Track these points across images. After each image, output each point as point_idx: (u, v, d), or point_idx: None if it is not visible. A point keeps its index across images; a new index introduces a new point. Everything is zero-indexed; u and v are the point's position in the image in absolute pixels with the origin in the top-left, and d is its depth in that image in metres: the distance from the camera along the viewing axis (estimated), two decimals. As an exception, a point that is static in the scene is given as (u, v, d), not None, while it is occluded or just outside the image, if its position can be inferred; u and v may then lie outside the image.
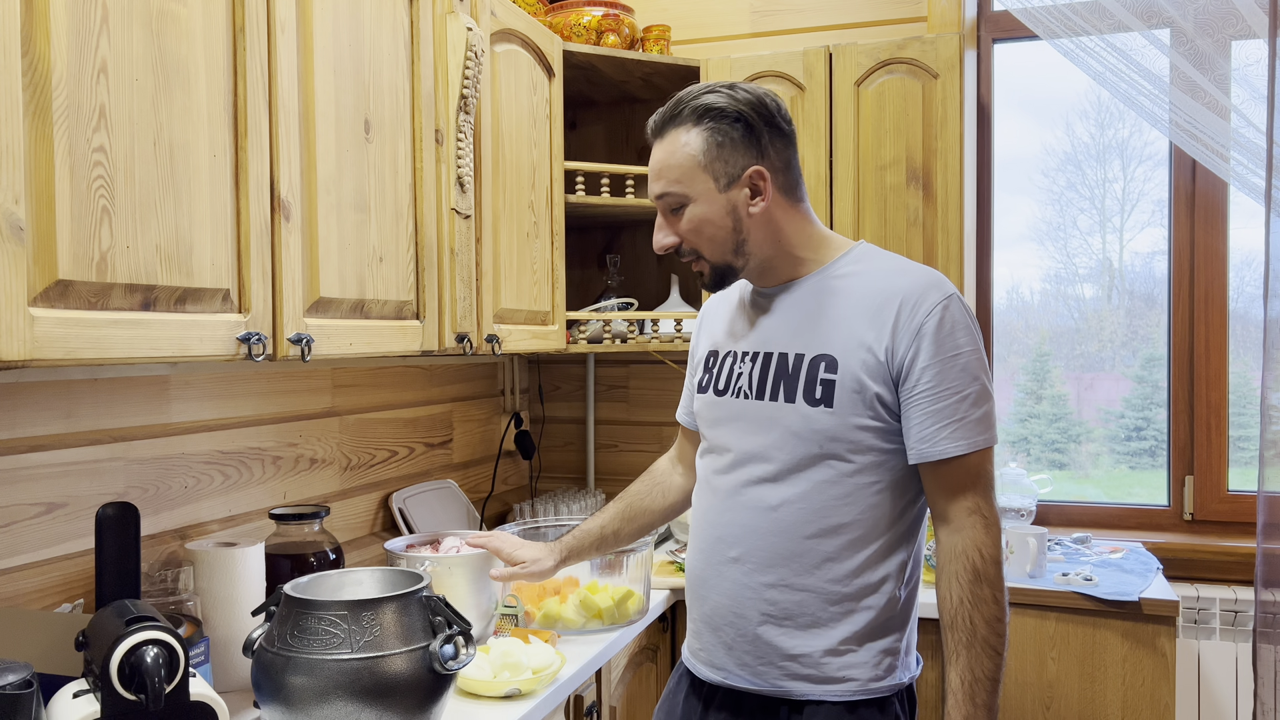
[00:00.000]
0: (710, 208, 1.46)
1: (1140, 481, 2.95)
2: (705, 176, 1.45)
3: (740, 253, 1.49)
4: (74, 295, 1.16)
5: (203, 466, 1.89)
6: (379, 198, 1.74)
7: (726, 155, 1.45)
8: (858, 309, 1.46)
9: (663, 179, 1.48)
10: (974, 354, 1.42)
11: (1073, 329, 3.02)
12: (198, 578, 1.68)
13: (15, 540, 1.53)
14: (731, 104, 1.45)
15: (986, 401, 1.43)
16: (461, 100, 1.94)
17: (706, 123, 1.45)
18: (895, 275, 1.48)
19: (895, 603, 1.48)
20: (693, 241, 1.50)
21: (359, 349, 1.69)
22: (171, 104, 1.29)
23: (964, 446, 1.40)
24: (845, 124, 2.59)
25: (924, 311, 1.42)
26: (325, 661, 1.35)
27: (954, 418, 1.40)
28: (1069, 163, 2.99)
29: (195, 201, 1.33)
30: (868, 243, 1.58)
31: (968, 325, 1.43)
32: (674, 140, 1.47)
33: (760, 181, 1.46)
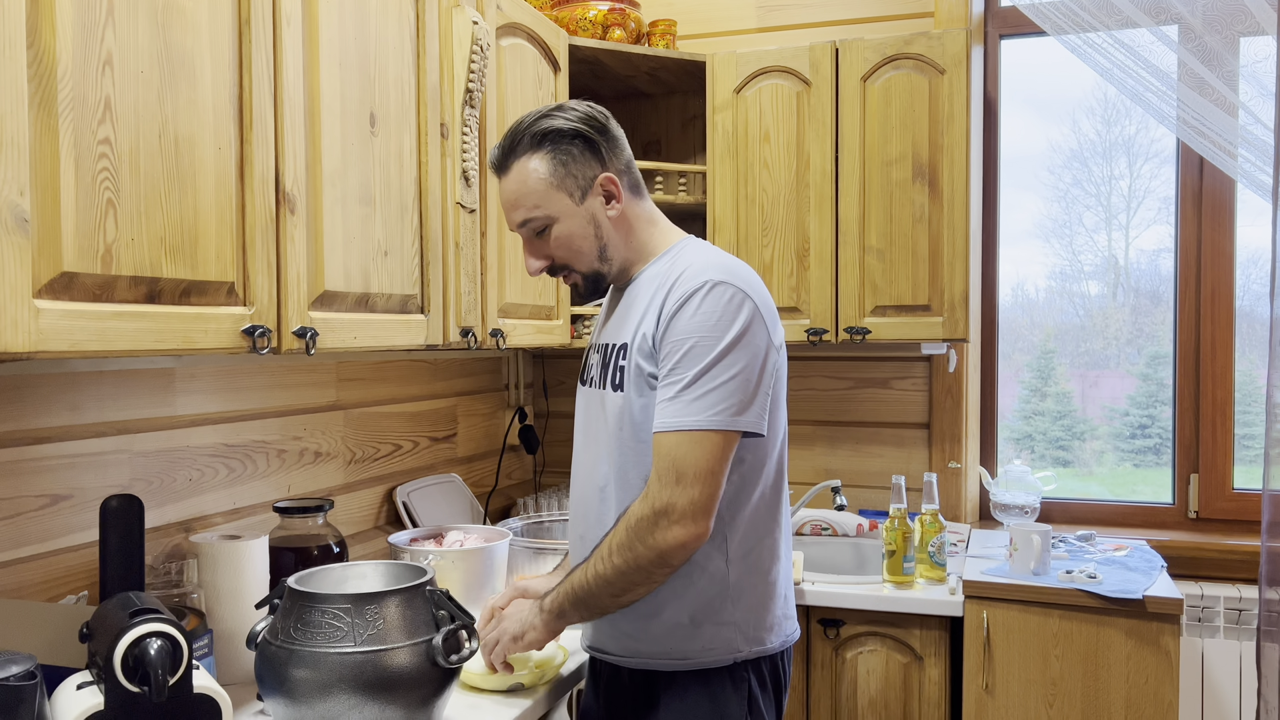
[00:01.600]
0: (574, 221, 1.55)
1: (1144, 479, 2.94)
2: (560, 194, 1.54)
3: (604, 258, 1.58)
4: (78, 287, 1.16)
5: (207, 459, 1.90)
6: (384, 191, 1.74)
7: (574, 170, 1.54)
8: (648, 299, 1.52)
9: (521, 207, 1.55)
10: (706, 341, 1.41)
11: (1078, 326, 3.02)
12: (202, 570, 1.69)
13: (19, 532, 1.54)
14: (566, 123, 1.53)
15: (705, 387, 1.40)
16: (467, 94, 1.94)
17: (547, 146, 1.53)
18: (682, 265, 1.51)
19: (723, 578, 1.51)
20: (563, 257, 1.58)
21: (363, 342, 1.69)
22: (177, 97, 1.29)
23: (660, 423, 1.42)
24: (851, 120, 2.58)
25: (675, 297, 1.45)
26: (328, 655, 1.36)
27: (666, 397, 1.43)
28: (1075, 159, 2.99)
29: (200, 194, 1.33)
30: (694, 239, 1.62)
31: (708, 312, 1.42)
32: (521, 169, 1.55)
33: (612, 186, 1.56)
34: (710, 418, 1.39)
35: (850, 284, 2.59)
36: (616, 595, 1.45)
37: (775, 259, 2.65)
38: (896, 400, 2.91)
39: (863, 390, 2.93)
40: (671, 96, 3.05)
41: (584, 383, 1.67)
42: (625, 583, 1.43)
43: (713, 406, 1.39)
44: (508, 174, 1.57)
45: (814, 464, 2.98)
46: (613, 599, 1.46)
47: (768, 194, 2.66)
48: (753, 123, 2.67)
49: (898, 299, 2.57)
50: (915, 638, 2.30)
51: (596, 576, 1.45)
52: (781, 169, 2.65)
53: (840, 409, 2.95)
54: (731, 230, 2.69)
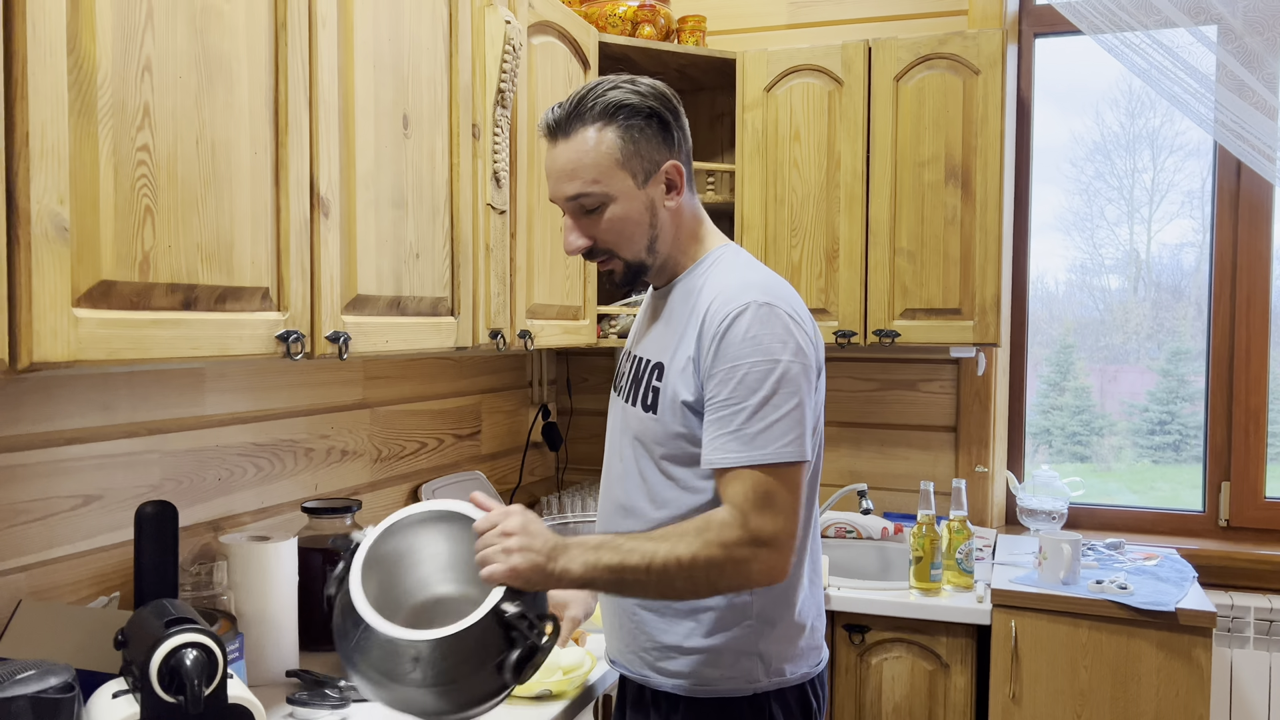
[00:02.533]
0: (630, 205, 1.43)
1: (1163, 476, 2.91)
2: (624, 174, 1.41)
3: (652, 250, 1.47)
4: (116, 295, 1.16)
5: (236, 458, 1.90)
6: (416, 194, 1.72)
7: (643, 150, 1.42)
8: (687, 316, 1.44)
9: (577, 179, 1.42)
10: (759, 366, 1.33)
11: (1097, 320, 2.99)
12: (231, 571, 1.69)
13: (52, 532, 1.54)
14: (641, 100, 1.41)
15: (770, 417, 1.32)
16: (499, 94, 1.92)
17: (620, 119, 1.40)
18: (719, 282, 1.43)
19: (746, 608, 1.44)
20: (609, 241, 1.45)
21: (395, 346, 1.68)
22: (214, 101, 1.28)
23: (733, 459, 1.33)
24: (884, 119, 2.55)
25: (719, 319, 1.37)
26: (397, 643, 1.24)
27: (727, 430, 1.34)
28: (1098, 152, 2.95)
29: (236, 199, 1.32)
30: (733, 246, 1.53)
31: (756, 336, 1.34)
32: (584, 138, 1.41)
33: (676, 175, 1.45)
34: (784, 449, 1.32)
35: (880, 286, 2.57)
36: (668, 595, 1.39)
37: (804, 260, 2.63)
38: (924, 403, 2.89)
39: (889, 392, 2.91)
40: (700, 93, 3.03)
41: (616, 391, 1.61)
42: (688, 592, 1.36)
43: (783, 437, 1.32)
44: (567, 140, 1.42)
45: (839, 466, 2.96)
46: (659, 595, 1.39)
47: (797, 194, 2.64)
48: (783, 122, 2.65)
49: (928, 302, 2.54)
50: (941, 645, 2.29)
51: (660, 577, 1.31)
52: (812, 169, 2.62)
53: (866, 411, 2.92)
54: (760, 230, 2.67)
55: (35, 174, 1.05)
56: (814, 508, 1.52)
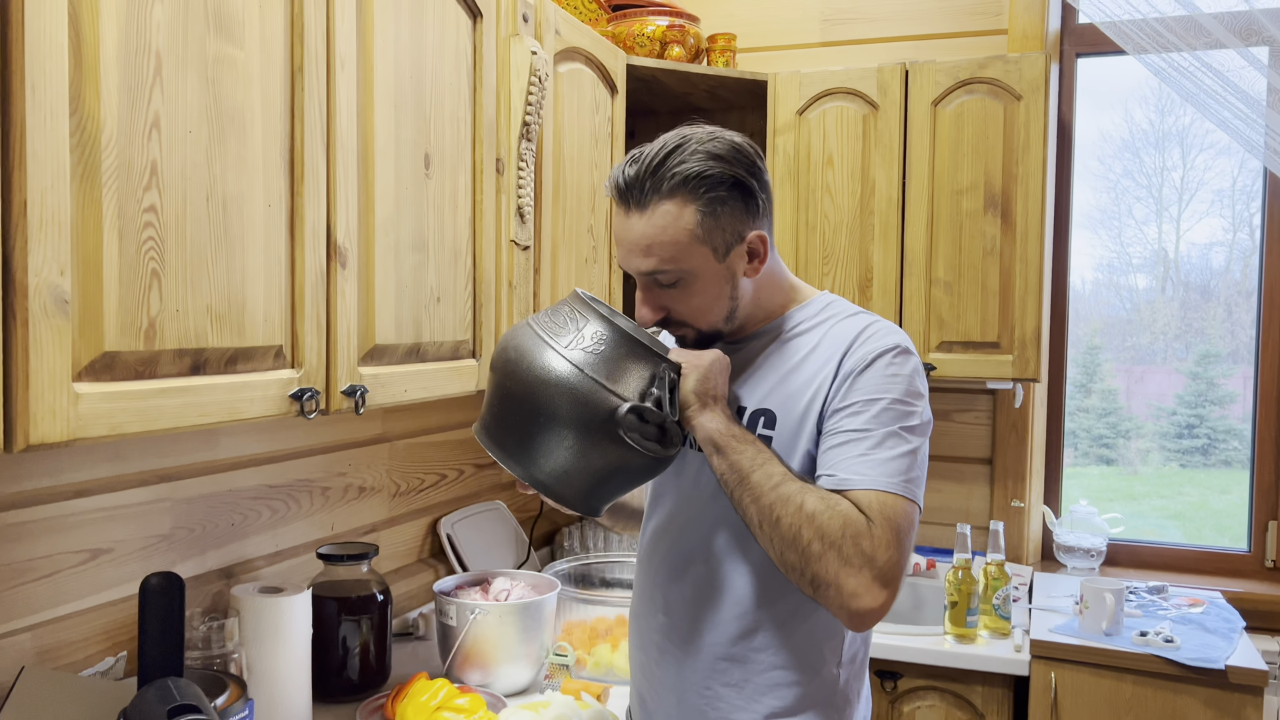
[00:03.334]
0: (710, 281, 1.32)
1: (1192, 481, 2.85)
2: (703, 249, 1.30)
3: (730, 318, 1.37)
4: (120, 366, 1.10)
5: (250, 502, 1.84)
6: (438, 235, 1.66)
7: (724, 224, 1.30)
8: (805, 361, 1.35)
9: (653, 257, 1.30)
10: (899, 405, 1.26)
11: (1124, 320, 2.92)
12: (242, 627, 1.63)
13: (58, 590, 1.48)
14: (723, 169, 1.28)
15: (902, 448, 1.24)
16: (524, 127, 1.85)
17: (701, 191, 1.27)
18: (854, 324, 1.35)
19: (834, 682, 1.35)
20: (684, 314, 1.35)
21: (414, 395, 1.61)
22: (225, 154, 1.22)
23: (866, 480, 1.22)
24: (920, 145, 2.47)
25: (863, 354, 1.29)
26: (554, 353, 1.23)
27: (854, 453, 1.25)
28: (1126, 149, 2.88)
29: (248, 256, 1.26)
30: (831, 293, 1.46)
31: (904, 377, 1.28)
32: (662, 214, 1.28)
33: (759, 245, 1.34)
34: (909, 485, 1.24)
35: (915, 317, 2.48)
36: (762, 529, 1.23)
37: (836, 289, 2.55)
38: (958, 434, 2.80)
39: (922, 423, 2.82)
40: (729, 113, 2.95)
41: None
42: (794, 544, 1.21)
43: (910, 472, 1.24)
44: (641, 213, 1.29)
45: (869, 497, 2.88)
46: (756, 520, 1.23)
47: (829, 221, 2.56)
48: (815, 146, 2.56)
49: (965, 335, 2.45)
50: (977, 694, 2.21)
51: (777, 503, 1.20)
52: (845, 195, 2.54)
53: (898, 442, 2.84)
54: (790, 258, 2.59)
55: (34, 245, 0.98)
56: None
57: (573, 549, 2.66)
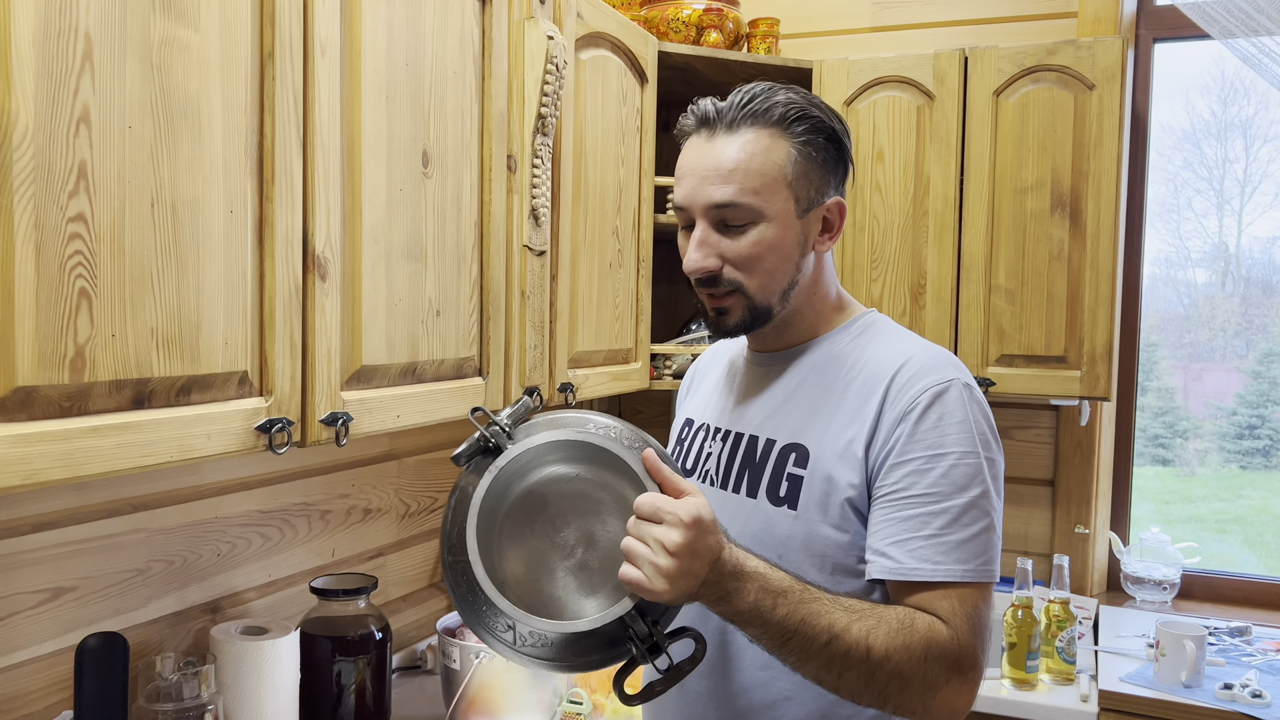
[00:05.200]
0: (785, 232, 1.16)
1: (1252, 483, 2.72)
2: (788, 194, 1.15)
3: (786, 296, 1.20)
4: (39, 403, 0.94)
5: (239, 529, 1.69)
6: (438, 242, 1.49)
7: (814, 176, 1.17)
8: (844, 392, 1.16)
9: (734, 183, 1.14)
10: (969, 459, 1.08)
11: (1181, 316, 2.74)
12: (221, 672, 1.48)
13: (13, 634, 1.34)
14: (824, 117, 1.17)
15: (978, 523, 1.08)
16: (539, 121, 1.68)
17: (800, 130, 1.15)
18: (893, 353, 1.16)
19: None
20: (744, 270, 1.17)
21: (409, 420, 1.45)
22: (176, 154, 1.05)
23: (935, 571, 1.06)
24: (980, 139, 2.25)
25: (912, 394, 1.11)
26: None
27: (923, 532, 1.07)
28: (1186, 140, 2.68)
29: (204, 270, 1.10)
30: (879, 313, 1.27)
31: (967, 421, 1.09)
32: (755, 140, 1.15)
33: (838, 216, 1.21)
34: (986, 568, 1.08)
35: (973, 328, 2.27)
36: (827, 682, 1.05)
37: (885, 295, 2.34)
38: (1017, 453, 2.58)
39: (977, 440, 2.60)
40: (771, 103, 2.74)
41: (686, 474, 1.28)
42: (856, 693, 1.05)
43: (987, 551, 1.08)
44: (731, 135, 1.15)
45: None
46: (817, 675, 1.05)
47: (879, 221, 2.35)
48: (864, 139, 2.35)
49: (1028, 348, 2.23)
50: (1037, 747, 1.99)
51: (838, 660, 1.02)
52: (896, 193, 2.33)
53: (951, 460, 2.62)
54: (835, 260, 2.38)
55: (-78, 264, 0.83)
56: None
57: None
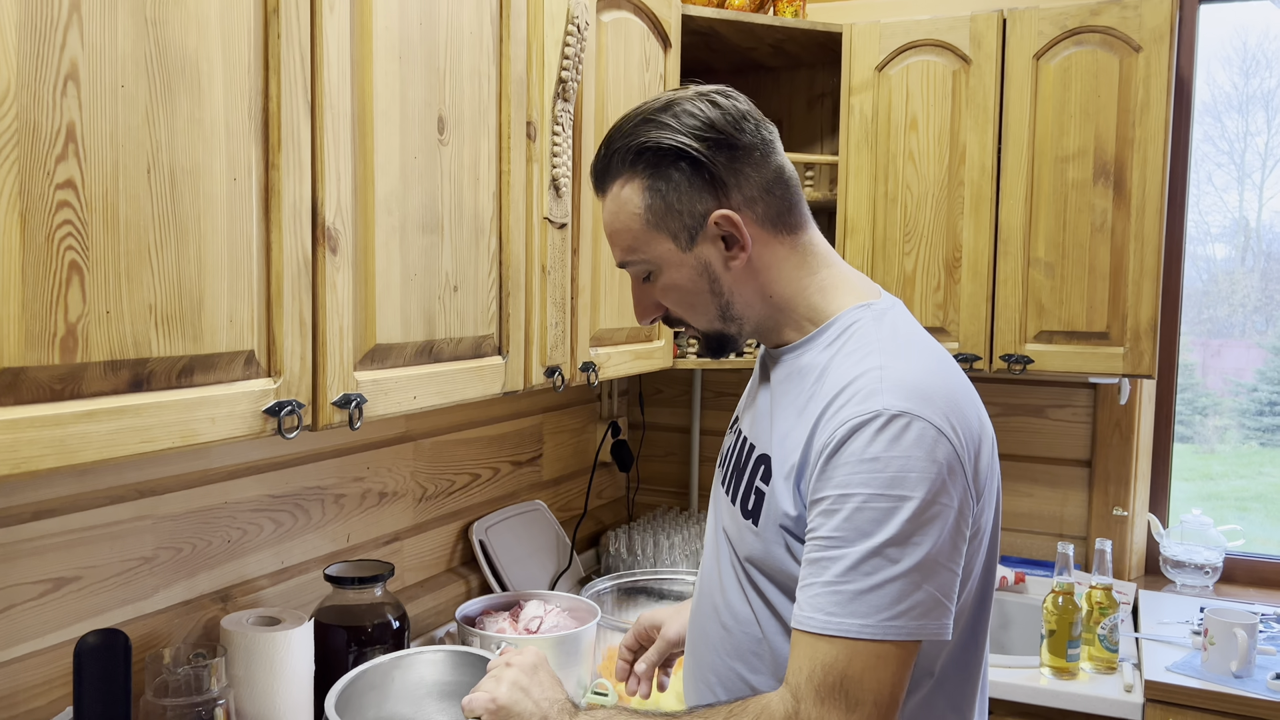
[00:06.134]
0: (680, 272, 1.12)
1: (1273, 461, 2.66)
2: (660, 236, 1.10)
3: (728, 317, 1.14)
4: (27, 386, 0.87)
5: (249, 515, 1.62)
6: (455, 213, 1.41)
7: (677, 205, 1.08)
8: (802, 404, 1.07)
9: (617, 246, 1.15)
10: (876, 502, 0.95)
11: (1200, 291, 2.66)
12: (232, 664, 1.41)
13: (14, 627, 1.27)
14: (669, 137, 1.07)
15: (881, 572, 0.94)
16: (559, 86, 1.59)
17: (642, 170, 1.08)
18: (845, 373, 1.04)
19: None
20: (676, 311, 1.17)
21: (426, 401, 1.37)
22: (173, 116, 0.98)
23: (819, 621, 0.96)
24: (1019, 105, 2.15)
25: (832, 427, 0.99)
26: None
27: (822, 578, 0.97)
28: (1206, 113, 2.60)
29: (207, 242, 1.02)
30: (883, 304, 1.12)
31: (881, 459, 0.95)
32: (614, 198, 1.12)
33: (731, 228, 1.08)
34: (886, 623, 0.94)
35: (1010, 303, 2.18)
36: None
37: (919, 269, 2.25)
38: (1053, 432, 2.49)
39: (1013, 418, 2.52)
40: (797, 71, 2.64)
41: (720, 468, 1.26)
42: None
43: (890, 606, 0.94)
44: (603, 198, 1.15)
45: (949, 500, 2.59)
46: None
47: (912, 192, 2.25)
48: (897, 106, 2.26)
49: (1068, 323, 2.14)
50: (1078, 738, 1.92)
51: None
52: (930, 162, 2.23)
53: (984, 440, 2.53)
54: (866, 234, 2.29)
55: (-106, 234, 0.75)
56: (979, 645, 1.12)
57: (619, 555, 2.42)
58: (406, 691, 1.37)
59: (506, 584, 2.11)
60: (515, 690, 1.11)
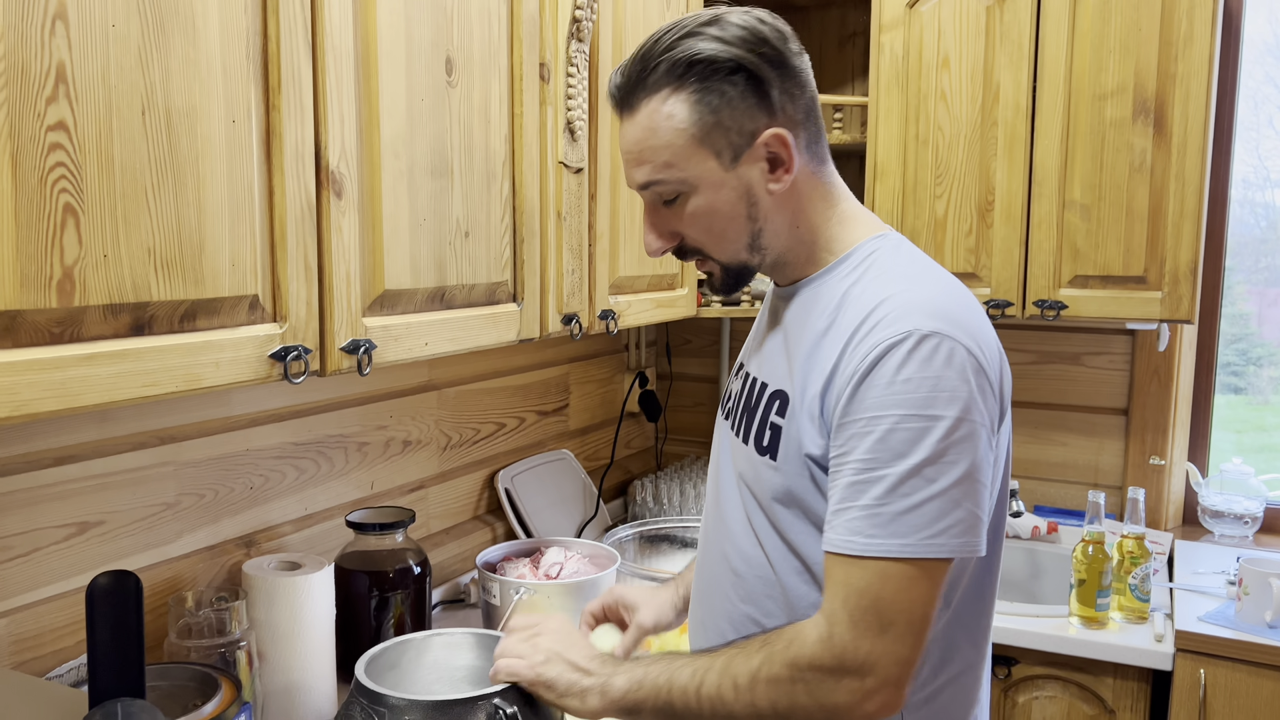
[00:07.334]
0: (719, 193, 1.08)
1: None
2: (704, 153, 1.06)
3: (756, 246, 1.11)
4: (25, 329, 0.87)
5: (272, 462, 1.64)
6: (465, 157, 1.39)
7: (728, 120, 1.05)
8: (821, 338, 1.06)
9: (646, 164, 1.08)
10: (910, 423, 0.95)
11: (1258, 239, 2.58)
12: (254, 607, 1.43)
13: (38, 570, 1.30)
14: (722, 49, 1.03)
15: (919, 492, 0.94)
16: (574, 25, 1.55)
17: (693, 81, 1.04)
18: (872, 297, 1.03)
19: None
20: (697, 239, 1.12)
21: (438, 348, 1.37)
22: (168, 57, 0.96)
23: (859, 545, 0.95)
24: (1056, 41, 2.07)
25: (864, 349, 0.98)
26: None
27: (859, 502, 0.96)
28: (1268, 54, 2.48)
29: (206, 185, 1.01)
30: (896, 236, 1.13)
31: (914, 379, 0.95)
32: (651, 112, 1.06)
33: (781, 148, 1.06)
34: (926, 542, 0.94)
35: (1044, 247, 2.12)
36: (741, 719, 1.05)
37: (950, 213, 2.20)
38: (1089, 380, 2.44)
39: (1047, 366, 2.47)
40: (828, 9, 2.57)
41: (724, 414, 1.24)
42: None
43: (929, 525, 0.94)
44: (633, 115, 1.08)
45: (981, 449, 2.55)
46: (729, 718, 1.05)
47: (944, 133, 2.19)
48: (928, 45, 2.19)
49: (1104, 267, 2.08)
50: (1107, 687, 1.90)
51: (713, 703, 1.03)
52: (963, 102, 2.17)
53: (1019, 387, 2.48)
54: (897, 177, 2.24)
55: (-119, 175, 0.75)
56: (991, 582, 1.12)
57: (645, 504, 2.42)
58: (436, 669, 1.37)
59: (532, 531, 2.12)
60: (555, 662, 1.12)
